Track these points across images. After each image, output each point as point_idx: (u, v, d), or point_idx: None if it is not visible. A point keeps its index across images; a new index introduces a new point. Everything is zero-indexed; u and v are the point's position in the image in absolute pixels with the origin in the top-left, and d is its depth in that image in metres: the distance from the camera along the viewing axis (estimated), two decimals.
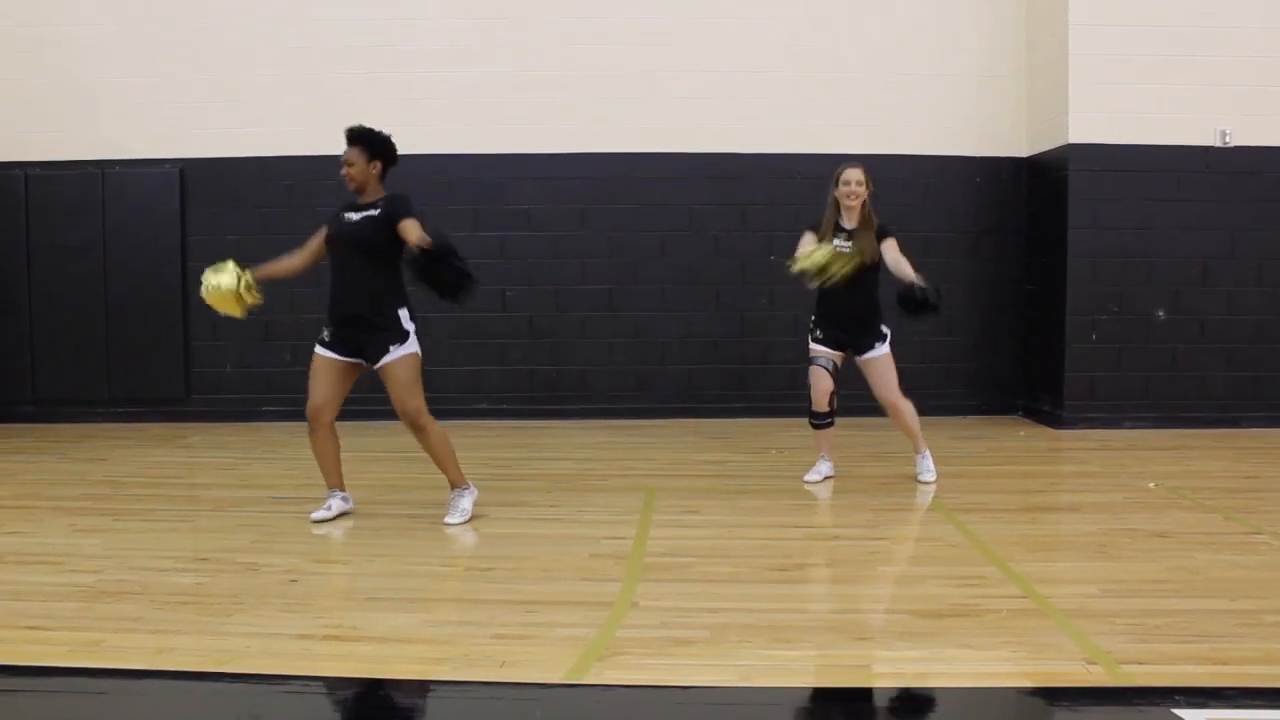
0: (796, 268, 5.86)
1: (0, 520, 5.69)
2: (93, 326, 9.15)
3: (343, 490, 5.68)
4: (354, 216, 5.35)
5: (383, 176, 5.45)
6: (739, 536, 5.27)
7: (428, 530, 5.41)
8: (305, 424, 5.52)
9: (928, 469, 6.48)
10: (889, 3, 9.21)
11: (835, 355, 6.35)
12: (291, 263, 5.55)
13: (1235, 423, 8.58)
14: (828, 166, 9.00)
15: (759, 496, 6.20)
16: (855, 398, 8.81)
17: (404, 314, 5.36)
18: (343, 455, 5.63)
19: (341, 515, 5.63)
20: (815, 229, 6.19)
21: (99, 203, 9.12)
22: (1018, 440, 8.29)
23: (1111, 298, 8.57)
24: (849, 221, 6.15)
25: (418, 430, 5.41)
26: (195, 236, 9.18)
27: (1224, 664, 3.53)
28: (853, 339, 6.29)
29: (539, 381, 9.30)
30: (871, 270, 6.10)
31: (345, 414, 8.65)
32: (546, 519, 5.70)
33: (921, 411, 6.52)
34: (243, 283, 5.34)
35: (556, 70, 9.15)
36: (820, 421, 6.51)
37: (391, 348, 5.31)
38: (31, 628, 3.96)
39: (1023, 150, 9.28)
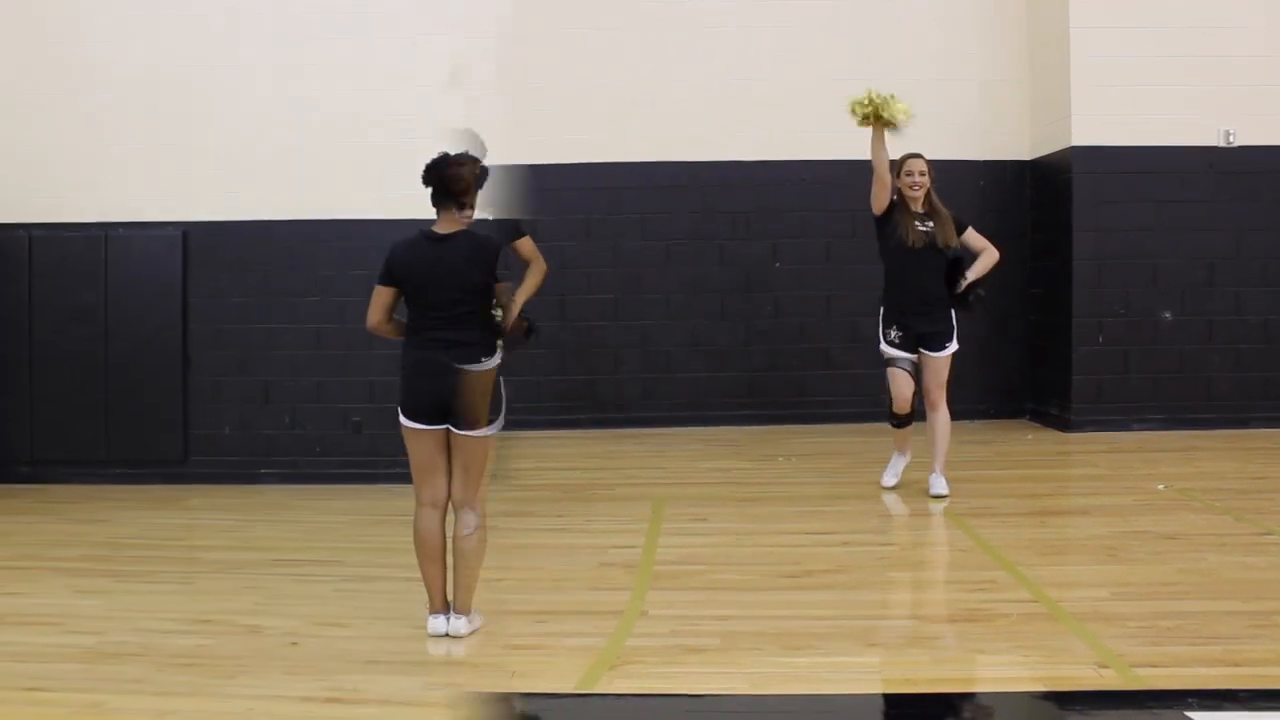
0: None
1: None
2: (92, 387, 8.85)
3: None
4: None
5: None
6: (748, 544, 5.26)
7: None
8: (305, 487, 5.47)
9: (941, 485, 6.30)
10: (892, 9, 9.21)
11: (911, 356, 6.33)
12: None
13: (1244, 423, 8.54)
14: (831, 173, 9.15)
15: (767, 504, 6.19)
16: (864, 403, 8.89)
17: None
18: (338, 519, 5.56)
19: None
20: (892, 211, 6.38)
21: (102, 264, 8.97)
22: (1026, 444, 8.27)
23: (1117, 300, 8.54)
24: (917, 208, 6.35)
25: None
26: (197, 299, 8.94)
27: (1237, 666, 3.52)
28: (921, 329, 6.29)
29: (545, 391, 9.28)
30: (942, 256, 6.29)
31: (340, 477, 8.57)
32: (555, 529, 5.69)
33: None
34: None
35: (558, 80, 9.15)
36: (900, 423, 6.48)
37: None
38: (32, 689, 3.89)
39: (1026, 154, 9.26)
